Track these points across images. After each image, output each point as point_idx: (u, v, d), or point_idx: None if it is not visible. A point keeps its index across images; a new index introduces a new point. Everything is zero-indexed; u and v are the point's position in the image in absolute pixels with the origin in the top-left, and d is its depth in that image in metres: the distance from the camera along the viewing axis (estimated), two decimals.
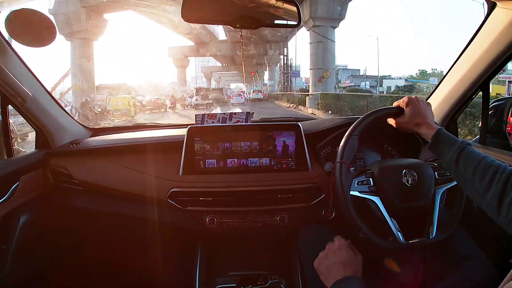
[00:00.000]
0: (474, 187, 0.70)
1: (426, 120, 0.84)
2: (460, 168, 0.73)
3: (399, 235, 0.84)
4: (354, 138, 0.90)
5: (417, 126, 0.85)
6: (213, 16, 0.94)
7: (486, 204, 0.67)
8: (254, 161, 1.16)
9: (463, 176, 0.72)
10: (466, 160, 0.72)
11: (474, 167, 0.70)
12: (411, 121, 0.86)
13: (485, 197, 0.67)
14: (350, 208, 0.85)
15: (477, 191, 0.69)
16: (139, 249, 1.34)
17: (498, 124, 1.30)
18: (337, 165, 0.88)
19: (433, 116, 0.87)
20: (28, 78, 1.11)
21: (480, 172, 0.69)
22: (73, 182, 1.21)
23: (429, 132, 0.82)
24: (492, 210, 0.65)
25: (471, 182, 0.70)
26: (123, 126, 1.65)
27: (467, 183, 0.72)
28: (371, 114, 0.92)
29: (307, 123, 1.25)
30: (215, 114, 1.22)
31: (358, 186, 0.88)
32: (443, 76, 1.20)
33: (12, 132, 1.20)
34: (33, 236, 1.20)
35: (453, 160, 0.74)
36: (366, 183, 0.88)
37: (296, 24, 0.95)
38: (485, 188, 0.67)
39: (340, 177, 0.87)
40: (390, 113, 0.91)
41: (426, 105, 0.89)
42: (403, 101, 0.89)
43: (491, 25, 0.96)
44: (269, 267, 1.22)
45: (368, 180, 0.88)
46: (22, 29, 0.94)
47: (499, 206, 0.64)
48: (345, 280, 0.76)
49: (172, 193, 1.12)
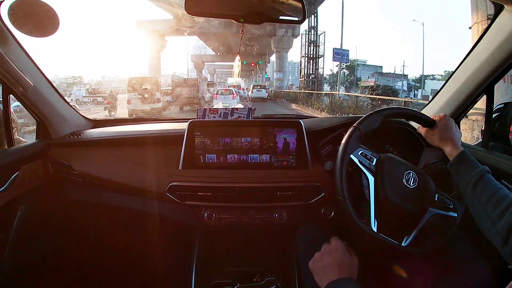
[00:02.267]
0: (487, 213, 0.72)
1: (454, 139, 0.88)
2: (476, 192, 0.76)
3: (374, 221, 0.84)
4: (378, 117, 0.92)
5: (444, 142, 0.89)
6: (217, 10, 0.93)
7: (495, 232, 0.68)
8: (254, 157, 1.16)
9: (478, 200, 0.75)
10: (484, 185, 0.75)
11: (490, 194, 0.73)
12: (440, 136, 0.90)
13: (495, 225, 0.69)
14: (342, 169, 0.86)
15: (488, 217, 0.71)
16: (137, 242, 1.34)
17: (501, 128, 1.28)
18: (351, 128, 0.90)
19: (460, 138, 0.90)
20: (30, 68, 1.10)
21: (496, 200, 0.71)
22: (73, 173, 1.21)
23: (453, 152, 0.85)
24: (500, 239, 0.67)
25: (484, 207, 0.73)
26: (125, 119, 1.65)
27: (480, 207, 0.74)
28: (409, 110, 0.98)
29: (309, 121, 1.24)
30: (217, 109, 1.21)
31: (360, 156, 0.89)
32: (448, 78, 1.19)
33: (13, 122, 1.20)
34: (32, 226, 1.20)
35: (472, 183, 0.77)
36: (369, 159, 0.89)
37: (300, 20, 0.94)
38: (498, 217, 0.69)
39: (349, 138, 0.89)
40: (425, 120, 0.95)
41: (456, 126, 0.93)
42: (438, 116, 0.94)
43: (498, 27, 0.95)
44: (265, 264, 1.22)
45: (372, 158, 0.89)
46: (25, 19, 0.94)
47: (507, 236, 0.66)
48: (339, 281, 0.76)
49: (171, 187, 1.12)
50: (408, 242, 0.84)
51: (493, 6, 0.95)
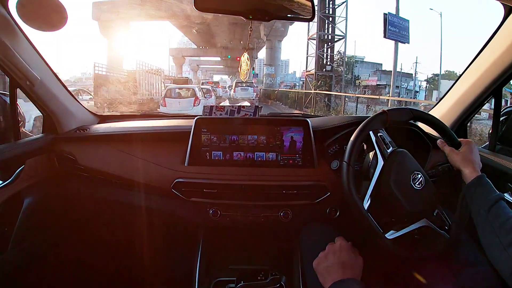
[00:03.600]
0: (499, 238, 0.71)
1: (474, 164, 0.88)
2: (490, 216, 0.75)
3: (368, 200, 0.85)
4: (409, 114, 0.95)
5: (465, 164, 0.88)
6: (226, 6, 0.93)
7: (506, 258, 0.68)
8: (260, 155, 1.15)
9: (490, 225, 0.74)
10: (498, 211, 0.75)
11: (504, 220, 0.72)
12: (463, 158, 0.89)
13: (507, 250, 0.68)
14: (357, 140, 0.88)
15: (500, 243, 0.70)
16: (141, 237, 1.34)
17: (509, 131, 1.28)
18: (381, 111, 0.92)
19: (480, 164, 0.90)
20: (37, 62, 1.11)
21: (509, 226, 0.71)
22: (78, 168, 1.22)
23: (472, 174, 0.85)
24: (510, 266, 0.67)
25: (496, 233, 0.72)
26: (131, 114, 1.65)
27: (492, 232, 0.74)
28: (440, 122, 0.96)
29: (316, 120, 1.24)
30: (223, 107, 1.21)
31: (379, 137, 0.90)
32: (456, 80, 1.19)
33: (20, 116, 1.20)
34: (36, 219, 1.20)
35: (487, 207, 0.76)
36: (386, 145, 0.89)
37: (309, 18, 0.94)
38: (510, 243, 0.69)
39: (374, 118, 0.91)
40: (452, 139, 0.94)
41: (477, 152, 0.94)
42: (466, 140, 0.95)
43: (507, 30, 0.94)
44: (270, 263, 1.21)
45: (388, 145, 0.90)
46: (33, 13, 0.94)
47: None
48: (343, 282, 0.76)
49: (176, 183, 1.12)
50: (392, 237, 0.84)
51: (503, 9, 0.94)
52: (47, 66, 1.16)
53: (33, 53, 1.09)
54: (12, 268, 1.12)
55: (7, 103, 1.22)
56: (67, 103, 1.27)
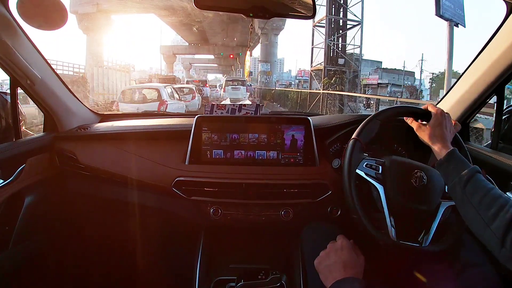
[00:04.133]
0: (479, 214, 0.66)
1: (444, 137, 0.83)
2: (467, 192, 0.70)
3: (392, 230, 0.83)
4: (376, 122, 0.91)
5: (433, 139, 0.84)
6: (226, 4, 0.92)
7: (490, 234, 0.63)
8: (261, 153, 1.15)
9: (469, 201, 0.69)
10: (475, 185, 0.70)
11: (482, 195, 0.68)
12: (431, 131, 0.85)
13: (490, 226, 0.64)
14: (351, 186, 0.85)
15: (482, 219, 0.66)
16: (141, 236, 1.34)
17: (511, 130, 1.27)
18: (351, 141, 0.89)
19: (451, 138, 0.86)
20: (38, 61, 1.11)
21: (488, 200, 0.66)
22: (79, 166, 1.22)
23: (442, 150, 0.80)
24: (496, 241, 0.62)
25: (476, 209, 0.67)
26: (132, 113, 1.65)
27: (472, 209, 0.69)
28: (400, 107, 0.96)
29: (317, 118, 1.24)
30: (225, 105, 1.21)
31: (366, 168, 0.88)
32: (458, 78, 1.18)
33: (21, 115, 1.20)
34: (37, 218, 1.20)
35: (462, 183, 0.71)
36: (375, 169, 0.88)
37: (310, 16, 0.93)
38: (492, 217, 0.64)
39: (351, 153, 0.88)
40: (417, 113, 0.91)
41: (451, 125, 0.88)
42: (436, 109, 0.88)
43: (509, 27, 0.93)
44: (270, 262, 1.21)
45: (377, 167, 0.88)
46: (34, 12, 0.94)
47: (504, 238, 0.60)
48: (344, 281, 0.76)
49: (177, 182, 1.11)
50: (429, 241, 0.84)
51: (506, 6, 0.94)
52: (48, 65, 1.16)
53: (33, 52, 1.09)
54: (13, 266, 1.12)
55: (8, 102, 1.22)
56: (68, 102, 1.27)
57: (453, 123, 0.91)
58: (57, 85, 1.21)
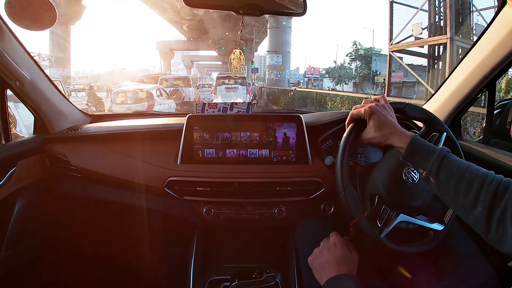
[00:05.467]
0: (459, 202, 0.62)
1: (396, 128, 0.73)
2: (441, 182, 0.64)
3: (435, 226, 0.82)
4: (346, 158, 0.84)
5: (387, 138, 0.74)
6: (216, 2, 0.92)
7: (474, 221, 0.60)
8: (253, 152, 1.14)
9: (446, 190, 0.63)
10: (447, 171, 0.63)
11: (457, 180, 0.62)
12: (379, 134, 0.74)
13: (472, 213, 0.60)
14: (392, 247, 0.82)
15: (462, 207, 0.61)
16: (135, 237, 1.34)
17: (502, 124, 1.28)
18: (358, 223, 0.82)
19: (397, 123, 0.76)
20: (27, 62, 1.10)
21: (465, 185, 0.61)
22: (70, 168, 1.21)
23: (402, 142, 0.71)
24: (481, 227, 0.59)
25: (454, 197, 0.62)
26: (123, 113, 1.64)
27: (450, 198, 0.63)
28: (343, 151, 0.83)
29: (309, 116, 1.24)
30: (216, 104, 1.20)
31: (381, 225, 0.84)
32: (449, 73, 1.18)
33: (10, 117, 1.19)
34: (29, 221, 1.19)
35: (433, 173, 0.65)
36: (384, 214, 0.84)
37: (301, 13, 0.93)
38: (472, 204, 0.59)
39: (368, 232, 0.82)
40: (355, 135, 0.81)
41: (390, 109, 0.78)
42: (364, 112, 0.77)
43: (500, 23, 0.94)
44: (265, 260, 1.21)
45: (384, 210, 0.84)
46: (22, 12, 0.93)
47: (488, 223, 0.57)
48: (338, 277, 0.76)
49: (169, 182, 1.11)
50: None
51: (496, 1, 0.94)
52: (37, 66, 1.15)
53: (22, 53, 1.07)
54: (6, 271, 1.10)
55: None
56: (58, 103, 1.26)
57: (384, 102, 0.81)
58: (46, 86, 1.20)
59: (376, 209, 0.86)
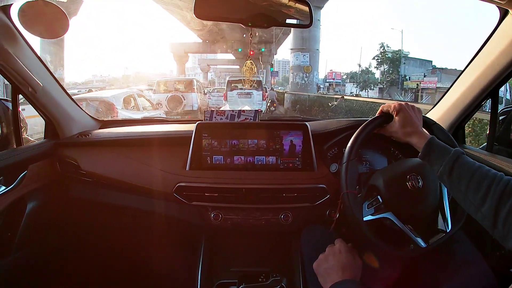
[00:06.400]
0: (469, 199, 0.67)
1: (418, 129, 0.81)
2: (453, 180, 0.70)
3: (418, 240, 0.85)
4: (352, 162, 0.90)
5: (408, 136, 0.82)
6: (225, 14, 0.94)
7: (482, 217, 0.65)
8: (260, 159, 1.16)
9: (457, 188, 0.70)
10: (460, 170, 0.70)
11: (468, 179, 0.68)
12: (401, 130, 0.83)
13: (480, 210, 0.65)
14: (366, 233, 0.84)
15: (472, 204, 0.67)
16: (143, 241, 1.36)
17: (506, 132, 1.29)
18: (344, 195, 0.87)
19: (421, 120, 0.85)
20: (39, 69, 1.12)
21: (475, 184, 0.67)
22: (80, 173, 1.23)
23: (420, 142, 0.79)
24: (488, 223, 0.63)
25: (465, 194, 0.68)
26: (132, 120, 1.66)
27: (461, 195, 0.69)
28: (359, 134, 0.90)
29: (315, 124, 1.25)
30: (224, 111, 1.22)
31: (368, 209, 0.89)
32: (453, 82, 1.20)
33: (22, 121, 1.21)
34: (39, 224, 1.22)
35: (446, 171, 0.71)
36: (376, 203, 0.88)
37: (307, 24, 0.95)
38: (480, 201, 0.65)
39: (351, 207, 0.86)
40: (379, 124, 0.89)
41: (418, 112, 0.86)
42: (393, 107, 0.85)
43: (503, 32, 0.95)
44: (271, 265, 1.22)
45: (376, 199, 0.89)
46: (35, 20, 0.95)
47: (495, 220, 0.62)
48: (342, 283, 0.77)
49: (178, 187, 1.13)
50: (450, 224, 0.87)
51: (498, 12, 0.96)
52: (49, 73, 1.17)
53: (35, 60, 1.10)
54: (16, 272, 1.13)
55: (9, 109, 1.23)
56: (69, 109, 1.28)
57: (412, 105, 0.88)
58: (58, 92, 1.22)
59: (370, 195, 0.91)
